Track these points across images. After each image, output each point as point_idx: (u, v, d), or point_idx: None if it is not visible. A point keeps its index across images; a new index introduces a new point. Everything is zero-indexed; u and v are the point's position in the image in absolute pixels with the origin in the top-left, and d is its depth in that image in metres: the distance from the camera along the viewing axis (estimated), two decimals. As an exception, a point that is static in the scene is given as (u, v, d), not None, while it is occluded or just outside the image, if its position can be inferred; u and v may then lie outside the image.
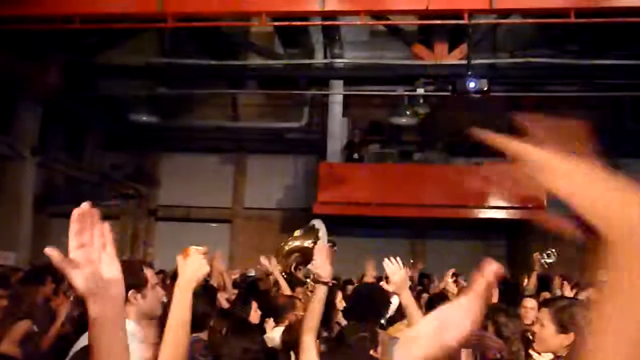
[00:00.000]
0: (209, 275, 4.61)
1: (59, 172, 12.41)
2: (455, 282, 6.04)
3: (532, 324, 2.57)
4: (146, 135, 12.95)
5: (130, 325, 2.18)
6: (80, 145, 12.86)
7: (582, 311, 2.26)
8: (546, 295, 5.17)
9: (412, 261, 12.07)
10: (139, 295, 2.22)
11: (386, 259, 2.55)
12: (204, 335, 3.03)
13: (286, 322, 3.66)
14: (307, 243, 5.68)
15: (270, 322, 3.58)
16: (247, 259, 11.25)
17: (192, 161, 13.55)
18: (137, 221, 13.74)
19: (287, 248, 5.56)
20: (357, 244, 11.29)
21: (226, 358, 2.50)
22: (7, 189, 9.80)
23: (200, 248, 1.91)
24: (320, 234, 5.77)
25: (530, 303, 4.24)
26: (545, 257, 6.03)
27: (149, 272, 2.32)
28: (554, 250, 6.00)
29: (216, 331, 2.80)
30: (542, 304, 2.60)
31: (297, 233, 5.89)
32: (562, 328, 2.25)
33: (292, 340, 2.76)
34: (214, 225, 13.57)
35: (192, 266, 1.84)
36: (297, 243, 5.65)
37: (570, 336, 2.23)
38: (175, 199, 13.57)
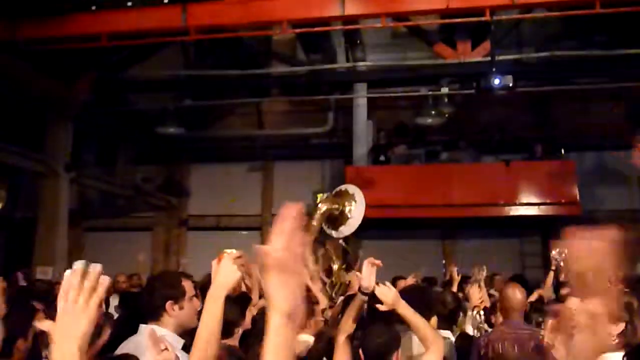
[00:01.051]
0: (247, 287, 4.62)
1: (92, 187, 12.70)
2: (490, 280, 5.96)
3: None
4: (175, 147, 13.16)
5: (169, 336, 2.22)
6: (112, 160, 13.15)
7: (633, 301, 2.29)
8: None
9: (443, 262, 12.01)
10: (176, 307, 2.25)
11: (377, 286, 2.64)
12: (231, 341, 3.06)
13: (305, 329, 3.67)
14: (347, 207, 5.67)
15: None
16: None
17: (220, 170, 13.70)
18: (169, 232, 13.95)
19: (319, 213, 5.53)
20: (387, 246, 11.24)
21: None
22: (43, 206, 10.06)
23: (233, 252, 1.88)
24: (357, 198, 5.76)
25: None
26: (557, 255, 5.97)
27: (187, 284, 2.33)
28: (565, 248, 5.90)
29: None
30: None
31: (322, 196, 5.86)
32: (613, 318, 2.20)
33: (325, 347, 2.79)
34: (244, 232, 13.68)
35: (223, 272, 1.82)
36: (326, 207, 5.60)
37: (621, 326, 2.24)
38: (205, 208, 13.74)
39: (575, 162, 10.86)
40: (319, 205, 5.73)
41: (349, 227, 5.86)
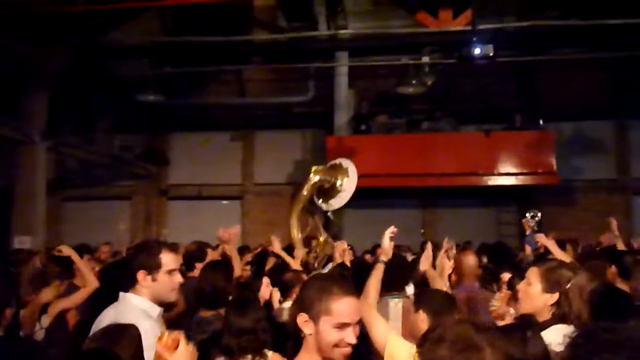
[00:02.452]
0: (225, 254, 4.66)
1: (70, 155, 12.51)
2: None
3: None
4: (154, 115, 12.99)
5: (144, 303, 2.23)
6: (90, 128, 12.92)
7: (570, 274, 2.29)
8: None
9: (422, 231, 12.18)
10: (149, 277, 2.23)
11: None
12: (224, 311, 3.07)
13: (293, 297, 3.74)
14: (339, 180, 5.79)
15: (276, 295, 3.65)
16: (259, 234, 11.37)
17: (201, 139, 13.60)
18: (149, 201, 13.88)
19: (310, 184, 5.62)
20: (368, 215, 11.35)
21: (224, 338, 2.55)
22: (21, 174, 9.91)
23: (175, 335, 1.66)
24: (350, 173, 5.85)
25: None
26: (530, 219, 6.14)
27: (168, 257, 2.28)
28: (536, 211, 6.21)
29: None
30: (532, 264, 2.66)
31: (316, 168, 5.96)
32: (549, 287, 2.29)
33: None
34: (225, 202, 13.67)
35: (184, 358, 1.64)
36: (318, 178, 5.71)
37: (555, 296, 2.26)
38: (185, 177, 13.67)
39: (554, 133, 11.00)
40: (312, 175, 5.78)
41: (339, 200, 5.92)
